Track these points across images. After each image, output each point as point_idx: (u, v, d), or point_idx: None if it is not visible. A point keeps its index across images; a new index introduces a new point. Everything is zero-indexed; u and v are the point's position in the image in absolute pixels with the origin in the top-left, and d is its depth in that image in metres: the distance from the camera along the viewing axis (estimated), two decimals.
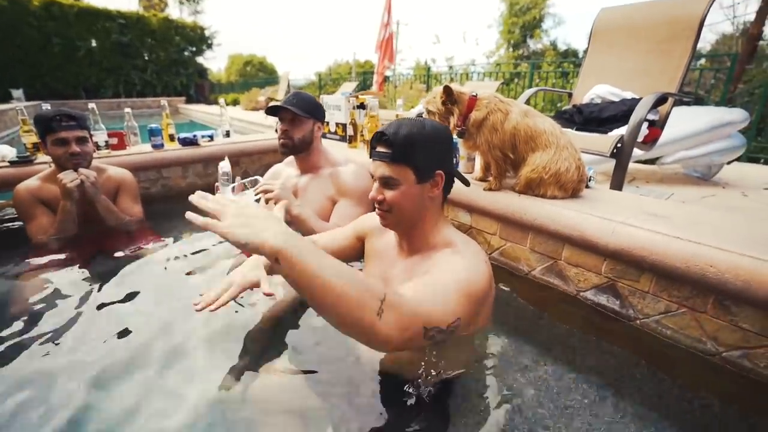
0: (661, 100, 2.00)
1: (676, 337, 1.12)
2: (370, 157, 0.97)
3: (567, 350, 1.20)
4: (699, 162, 2.72)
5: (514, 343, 1.18)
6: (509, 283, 1.49)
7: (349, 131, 2.50)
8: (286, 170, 1.86)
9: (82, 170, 1.64)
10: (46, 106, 1.79)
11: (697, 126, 2.56)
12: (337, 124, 2.67)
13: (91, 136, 1.79)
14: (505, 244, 1.54)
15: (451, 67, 8.82)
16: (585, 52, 2.70)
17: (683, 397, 1.02)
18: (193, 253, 1.74)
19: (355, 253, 1.24)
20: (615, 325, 1.24)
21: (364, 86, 8.53)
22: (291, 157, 1.88)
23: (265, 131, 4.62)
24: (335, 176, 1.71)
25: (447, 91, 1.40)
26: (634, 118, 1.86)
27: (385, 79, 7.89)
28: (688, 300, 1.07)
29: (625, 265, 1.19)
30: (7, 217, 2.15)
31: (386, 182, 0.93)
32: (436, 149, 0.94)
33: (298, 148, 1.68)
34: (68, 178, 1.59)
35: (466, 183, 1.09)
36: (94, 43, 14.03)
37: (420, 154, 0.91)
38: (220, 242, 1.80)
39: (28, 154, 2.12)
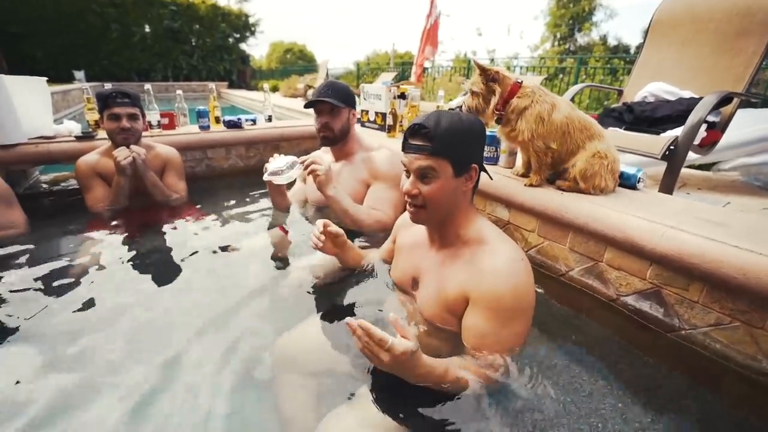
0: (725, 100, 1.86)
1: (726, 353, 1.05)
2: (403, 150, 0.96)
3: (601, 355, 1.16)
4: (762, 170, 2.51)
5: (545, 343, 1.15)
6: (544, 282, 1.45)
7: (389, 121, 2.50)
8: (324, 157, 1.89)
9: (134, 147, 1.75)
10: (108, 86, 1.92)
11: (763, 131, 2.36)
12: (376, 113, 2.68)
13: (144, 115, 1.90)
14: (544, 242, 1.51)
15: (492, 60, 8.58)
16: (639, 47, 2.55)
17: (728, 417, 0.97)
18: (232, 230, 1.83)
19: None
20: (656, 334, 1.19)
21: (402, 77, 8.47)
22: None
23: (302, 118, 4.71)
24: (368, 161, 1.70)
25: (479, 66, 1.37)
26: (693, 118, 1.74)
27: (424, 70, 7.79)
28: (744, 314, 1.00)
29: (673, 271, 1.13)
30: (71, 187, 2.33)
31: (424, 175, 0.91)
32: (473, 142, 0.93)
33: (339, 138, 1.68)
34: (122, 155, 1.70)
35: (489, 176, 1.10)
36: (147, 29, 14.76)
37: (459, 147, 0.90)
38: (260, 217, 1.87)
39: (90, 130, 2.28)
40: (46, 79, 2.24)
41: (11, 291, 1.29)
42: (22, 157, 2.03)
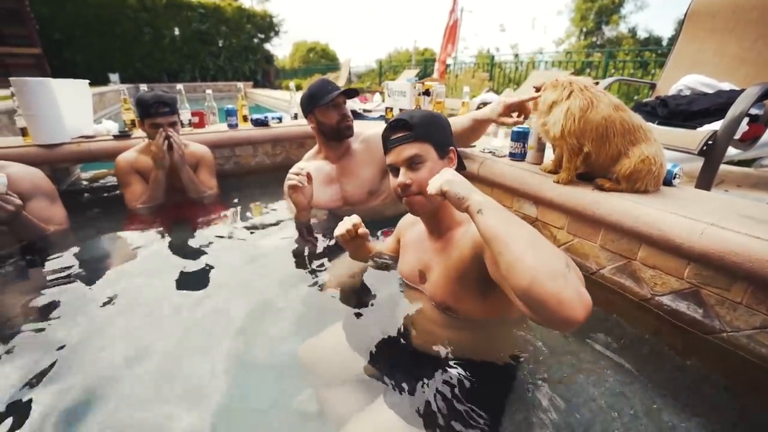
0: None
1: None
2: (387, 149, 1.01)
3: (634, 356, 1.13)
4: None
5: (574, 343, 1.13)
6: None
7: None
8: (311, 165, 1.78)
9: (173, 137, 1.82)
10: (143, 87, 2.01)
11: None
12: (401, 110, 2.68)
13: (179, 117, 1.98)
14: (573, 239, 1.47)
15: (516, 56, 8.40)
16: (673, 38, 2.45)
17: None
18: (259, 227, 1.87)
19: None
20: (694, 336, 1.14)
21: (424, 74, 8.42)
22: (310, 152, 1.91)
23: None
24: (371, 140, 1.73)
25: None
26: (733, 111, 1.66)
27: (446, 67, 7.72)
28: None
29: (713, 271, 1.08)
30: (108, 184, 2.45)
31: (411, 163, 0.96)
32: (445, 128, 1.03)
33: None
34: (158, 141, 1.80)
35: (463, 164, 1.15)
36: (177, 32, 15.29)
37: (436, 131, 0.99)
38: (286, 215, 1.91)
39: (126, 129, 2.39)
40: (87, 81, 2.36)
41: (51, 283, 1.37)
42: (66, 156, 2.14)
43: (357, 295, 1.26)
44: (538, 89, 1.42)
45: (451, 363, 0.94)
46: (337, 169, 1.79)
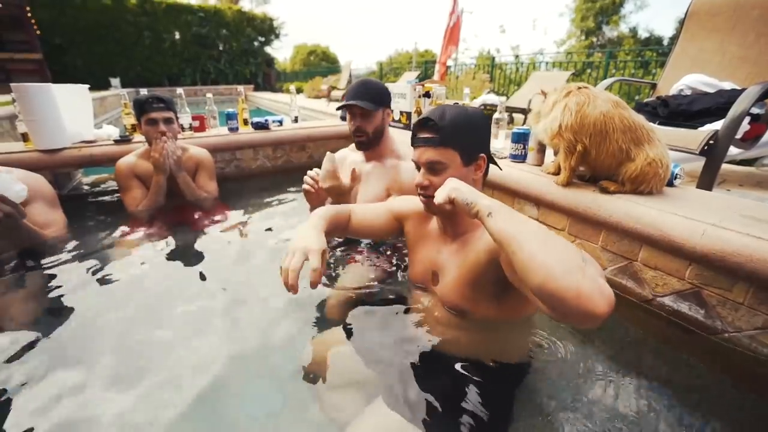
0: None
1: None
2: (412, 144, 0.98)
3: (636, 357, 1.13)
4: None
5: (576, 343, 1.13)
6: None
7: (414, 120, 2.50)
8: (351, 156, 1.82)
9: (167, 144, 1.82)
10: (143, 92, 2.02)
11: None
12: (401, 113, 2.68)
13: (177, 117, 1.98)
14: (574, 240, 1.47)
15: (517, 57, 8.41)
16: (674, 38, 2.45)
17: None
18: (259, 230, 1.87)
19: (389, 230, 1.20)
20: (696, 337, 1.14)
21: (425, 76, 8.43)
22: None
23: (326, 118, 4.77)
24: (396, 170, 1.65)
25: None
26: (735, 110, 1.66)
27: (447, 68, 7.73)
28: None
29: (714, 271, 1.08)
30: (109, 188, 2.46)
31: (432, 167, 0.93)
32: (479, 132, 0.97)
33: (373, 141, 1.62)
34: (157, 149, 1.80)
35: (498, 167, 1.14)
36: (177, 36, 15.36)
37: (465, 137, 0.93)
38: (287, 217, 1.91)
39: (127, 133, 2.40)
40: (88, 86, 2.37)
41: (49, 287, 1.37)
42: (67, 161, 2.15)
43: (363, 298, 1.25)
44: (545, 94, 1.43)
45: (459, 364, 0.94)
46: (368, 168, 1.72)
